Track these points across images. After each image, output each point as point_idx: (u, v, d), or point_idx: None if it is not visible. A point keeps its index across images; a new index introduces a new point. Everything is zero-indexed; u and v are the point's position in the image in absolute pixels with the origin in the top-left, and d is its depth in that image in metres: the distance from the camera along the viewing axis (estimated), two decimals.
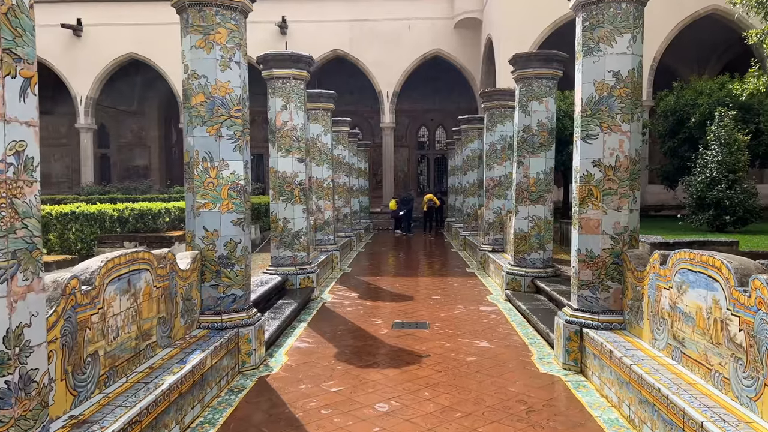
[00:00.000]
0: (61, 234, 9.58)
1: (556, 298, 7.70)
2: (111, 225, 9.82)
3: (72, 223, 9.57)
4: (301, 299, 8.51)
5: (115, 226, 9.87)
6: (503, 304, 8.89)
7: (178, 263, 5.18)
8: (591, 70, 5.59)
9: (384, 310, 8.63)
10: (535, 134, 9.04)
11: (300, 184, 9.27)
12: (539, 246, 9.10)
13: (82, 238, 9.60)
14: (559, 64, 9.07)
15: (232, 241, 5.69)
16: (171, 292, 4.93)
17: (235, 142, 5.69)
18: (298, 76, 9.17)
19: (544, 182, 9.05)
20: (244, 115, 5.81)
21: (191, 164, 5.67)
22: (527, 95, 9.07)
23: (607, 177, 5.53)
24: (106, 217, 9.79)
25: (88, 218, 9.71)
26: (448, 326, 7.52)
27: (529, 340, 6.83)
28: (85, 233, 9.63)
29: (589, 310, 5.63)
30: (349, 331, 7.36)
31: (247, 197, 5.89)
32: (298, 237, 9.31)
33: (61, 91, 28.51)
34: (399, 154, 31.14)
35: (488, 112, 12.46)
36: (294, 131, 9.17)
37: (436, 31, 26.37)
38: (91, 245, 9.63)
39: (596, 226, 5.60)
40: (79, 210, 9.76)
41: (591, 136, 5.60)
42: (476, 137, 16.78)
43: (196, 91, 5.62)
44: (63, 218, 9.64)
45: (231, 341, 5.48)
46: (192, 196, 5.68)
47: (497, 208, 12.30)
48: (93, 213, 9.77)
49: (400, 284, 10.91)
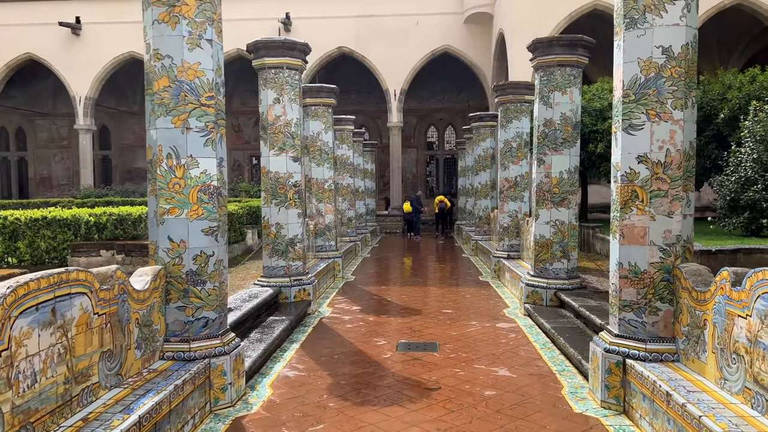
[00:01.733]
0: (31, 242, 8.69)
1: (585, 316, 6.71)
2: (87, 231, 8.91)
3: (43, 230, 8.68)
4: (294, 315, 7.57)
5: (92, 233, 8.96)
6: (522, 319, 7.91)
7: (132, 283, 4.25)
8: (635, 46, 4.61)
9: (388, 326, 7.67)
10: (558, 129, 8.05)
11: (295, 186, 8.33)
12: (562, 254, 8.11)
13: (54, 247, 8.72)
14: (584, 50, 8.08)
15: (202, 254, 4.75)
16: (121, 318, 4.00)
17: (207, 136, 4.76)
18: (292, 65, 8.24)
19: (567, 183, 8.06)
20: (218, 103, 4.88)
21: (153, 162, 4.74)
22: (549, 85, 8.09)
23: (655, 175, 4.54)
24: (82, 222, 8.88)
25: (61, 224, 8.81)
26: (461, 348, 6.55)
27: (556, 367, 5.84)
28: (58, 241, 8.75)
29: (633, 336, 4.64)
30: (347, 354, 6.40)
31: (223, 201, 4.95)
32: (293, 244, 8.37)
33: (62, 91, 27.80)
34: (407, 155, 30.18)
35: (502, 107, 11.47)
36: (288, 127, 8.24)
37: (445, 26, 25.40)
38: (64, 254, 8.74)
39: (642, 234, 4.61)
40: (51, 215, 8.85)
41: (635, 126, 4.62)
42: (489, 135, 15.80)
43: (158, 75, 4.70)
44: (33, 224, 8.74)
45: (200, 375, 4.54)
46: (155, 201, 4.76)
47: (513, 211, 11.31)
48: (67, 218, 8.87)
49: (407, 295, 9.95)
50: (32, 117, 31.68)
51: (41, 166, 32.24)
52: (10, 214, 8.81)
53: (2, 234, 8.59)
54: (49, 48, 26.53)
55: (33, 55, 26.68)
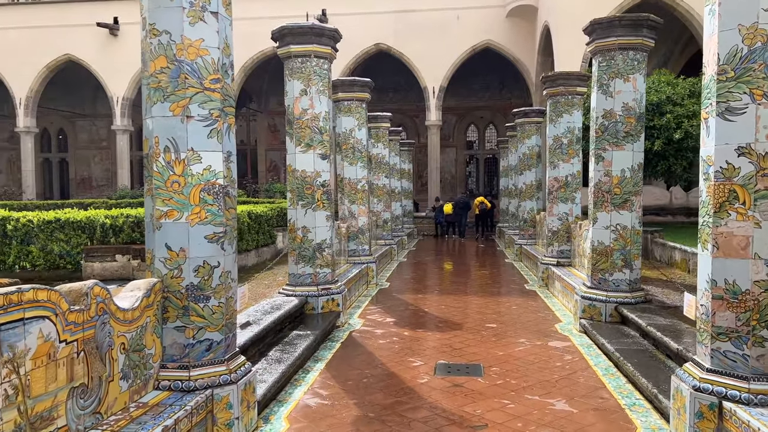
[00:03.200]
0: (44, 246, 8.19)
1: (656, 337, 5.75)
2: (103, 234, 8.36)
3: (57, 233, 8.17)
4: (321, 329, 6.82)
5: (108, 236, 8.41)
6: (578, 337, 6.98)
7: (117, 300, 3.55)
8: (734, 10, 3.68)
9: (425, 343, 6.85)
10: (620, 121, 7.08)
11: (323, 186, 7.59)
12: (624, 263, 7.14)
13: (68, 251, 8.19)
14: (650, 32, 7.10)
15: (205, 265, 4.03)
16: (100, 344, 3.30)
17: (211, 125, 4.04)
18: (320, 53, 7.50)
19: (630, 182, 7.09)
20: (225, 87, 4.16)
21: (150, 157, 4.04)
22: (608, 72, 7.13)
23: (761, 171, 3.61)
24: (97, 225, 8.34)
25: (74, 226, 8.27)
26: (510, 372, 5.68)
27: (624, 400, 4.92)
28: (72, 244, 8.22)
29: (731, 372, 3.72)
30: (378, 378, 5.60)
31: (231, 203, 4.22)
32: (321, 250, 7.63)
33: (101, 92, 27.87)
34: (446, 155, 29.24)
35: (551, 99, 10.51)
36: (315, 121, 7.51)
37: (486, 20, 24.40)
38: (78, 259, 8.22)
39: (743, 245, 3.68)
40: (65, 217, 8.33)
41: (734, 109, 3.69)
42: (534, 132, 14.79)
43: (155, 54, 4.00)
44: (46, 227, 8.23)
45: (201, 409, 3.82)
46: (151, 202, 4.06)
47: (563, 214, 10.34)
48: (81, 220, 8.33)
49: (446, 305, 9.10)
50: (73, 118, 31.97)
51: (81, 166, 32.50)
52: (22, 216, 8.33)
53: (14, 237, 8.11)
54: (88, 49, 26.60)
55: (72, 56, 26.78)
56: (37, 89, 27.31)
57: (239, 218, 10.51)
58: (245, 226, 10.79)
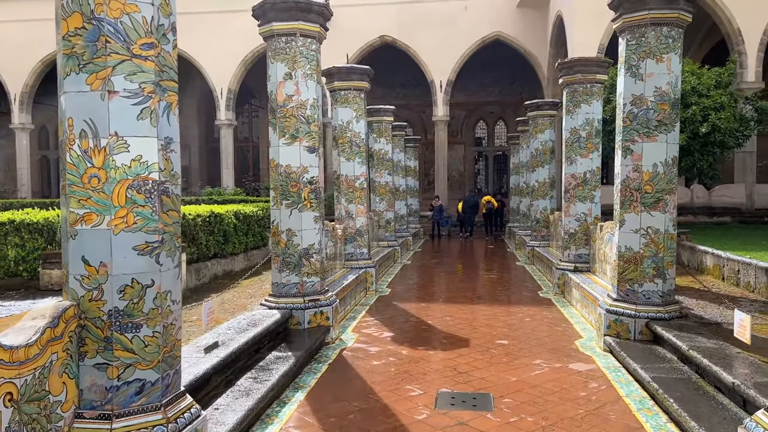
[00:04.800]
0: None
1: (701, 365, 4.77)
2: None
3: (11, 236, 7.30)
4: (305, 349, 5.90)
5: None
6: (603, 358, 6.03)
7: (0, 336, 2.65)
8: None
9: (426, 365, 5.91)
10: (651, 108, 6.12)
11: (310, 183, 6.68)
12: (656, 273, 6.17)
13: (24, 257, 7.33)
14: (687, 4, 6.12)
15: (135, 284, 3.12)
16: None
17: (142, 103, 3.13)
18: (307, 31, 6.58)
19: (664, 178, 6.12)
20: (163, 56, 3.25)
21: (63, 144, 3.14)
22: (638, 51, 6.16)
23: None
24: (56, 227, 7.47)
25: (30, 229, 7.40)
26: (525, 405, 4.75)
27: None
28: (27, 249, 7.35)
29: None
30: (366, 413, 4.67)
31: (171, 203, 3.31)
32: (308, 256, 6.71)
33: None
34: (453, 152, 28.26)
35: (568, 88, 9.53)
36: (302, 109, 6.59)
37: (496, 11, 23.42)
38: (35, 265, 7.36)
39: None
40: (19, 218, 7.45)
41: None
42: (548, 126, 13.79)
43: (68, 10, 3.09)
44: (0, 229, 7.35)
45: None
46: (65, 202, 3.16)
47: (581, 214, 9.37)
48: (38, 222, 7.44)
49: (452, 316, 8.16)
50: None
51: None
52: None
53: None
54: None
55: None
56: (33, 84, 26.63)
57: (224, 219, 9.60)
58: (231, 228, 9.90)
